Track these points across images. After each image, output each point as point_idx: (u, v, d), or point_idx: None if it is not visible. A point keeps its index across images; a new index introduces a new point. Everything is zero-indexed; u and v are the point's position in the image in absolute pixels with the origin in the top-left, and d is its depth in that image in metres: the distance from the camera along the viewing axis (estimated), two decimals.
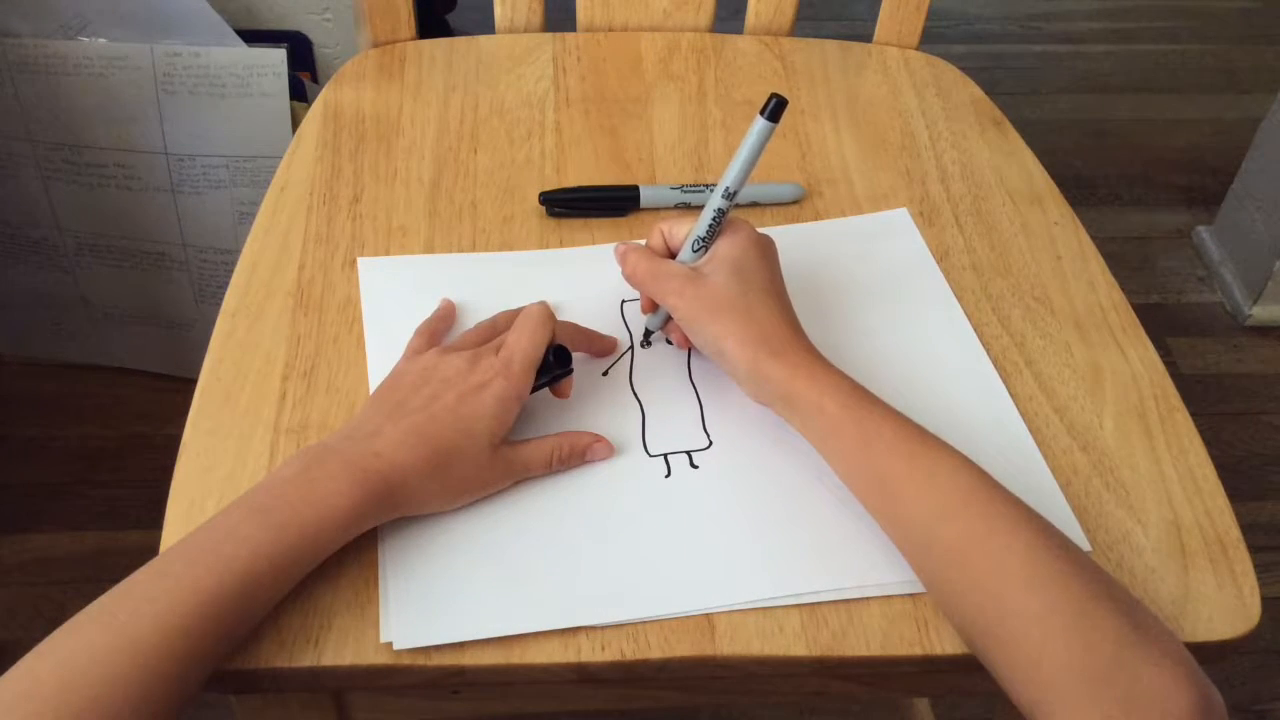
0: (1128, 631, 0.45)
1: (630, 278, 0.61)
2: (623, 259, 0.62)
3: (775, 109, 0.57)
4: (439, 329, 0.63)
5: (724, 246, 0.59)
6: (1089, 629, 0.45)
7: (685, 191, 0.71)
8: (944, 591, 0.51)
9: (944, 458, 0.52)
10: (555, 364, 0.58)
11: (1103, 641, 0.45)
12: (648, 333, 0.64)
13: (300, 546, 0.49)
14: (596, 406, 0.60)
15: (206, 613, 0.46)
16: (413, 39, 0.84)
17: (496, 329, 0.60)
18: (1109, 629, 0.45)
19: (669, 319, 0.62)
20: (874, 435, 0.53)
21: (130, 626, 0.45)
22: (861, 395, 0.55)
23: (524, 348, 0.57)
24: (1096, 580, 0.47)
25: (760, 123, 0.58)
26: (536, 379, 0.57)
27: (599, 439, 0.58)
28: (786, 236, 0.63)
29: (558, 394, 0.60)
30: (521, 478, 0.56)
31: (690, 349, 0.63)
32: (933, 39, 1.27)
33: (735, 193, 0.59)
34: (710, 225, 0.59)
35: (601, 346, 0.63)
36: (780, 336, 0.56)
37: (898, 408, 0.54)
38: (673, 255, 0.62)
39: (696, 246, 0.59)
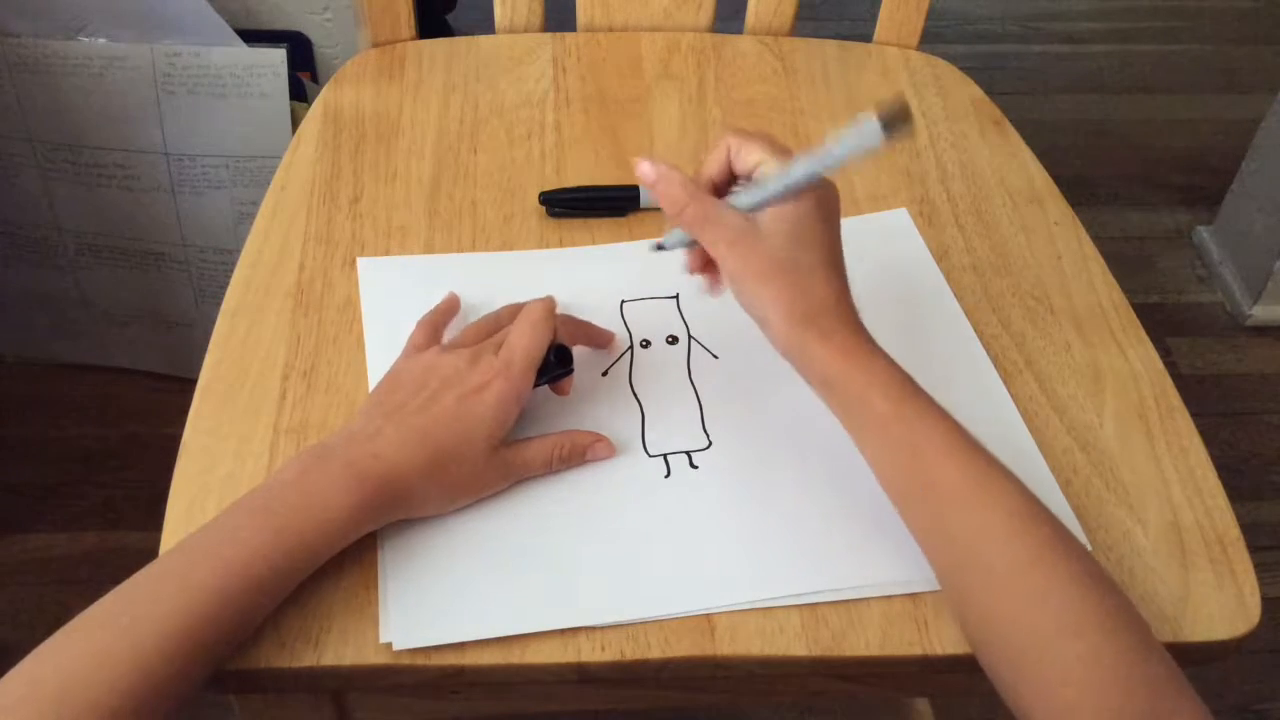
0: (1164, 684, 0.44)
1: (672, 211, 0.54)
2: (663, 185, 0.54)
3: (894, 119, 0.49)
4: (441, 322, 0.62)
5: (788, 204, 0.53)
6: (1130, 678, 0.44)
7: None
8: (973, 614, 0.49)
9: (996, 474, 0.49)
10: (556, 363, 0.58)
11: (1140, 690, 0.44)
12: (660, 246, 0.59)
13: (300, 549, 0.49)
14: (596, 406, 0.60)
15: (207, 615, 0.46)
16: (413, 39, 0.84)
17: (500, 323, 0.60)
18: (1148, 680, 0.44)
19: (693, 243, 0.57)
20: (923, 440, 0.50)
21: (130, 629, 0.45)
22: (913, 391, 0.52)
23: (525, 347, 0.56)
24: (1138, 627, 0.46)
25: (871, 125, 0.50)
26: (537, 378, 0.57)
27: (600, 438, 0.58)
28: None
29: (558, 391, 0.59)
30: (521, 477, 0.56)
31: (690, 345, 0.63)
32: (933, 39, 1.26)
33: (815, 176, 0.53)
34: (777, 194, 0.53)
35: (601, 340, 0.63)
36: (832, 315, 0.52)
37: None
38: (728, 179, 0.56)
39: (754, 202, 0.54)
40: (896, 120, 0.49)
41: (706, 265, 0.58)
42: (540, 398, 0.59)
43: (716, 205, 0.54)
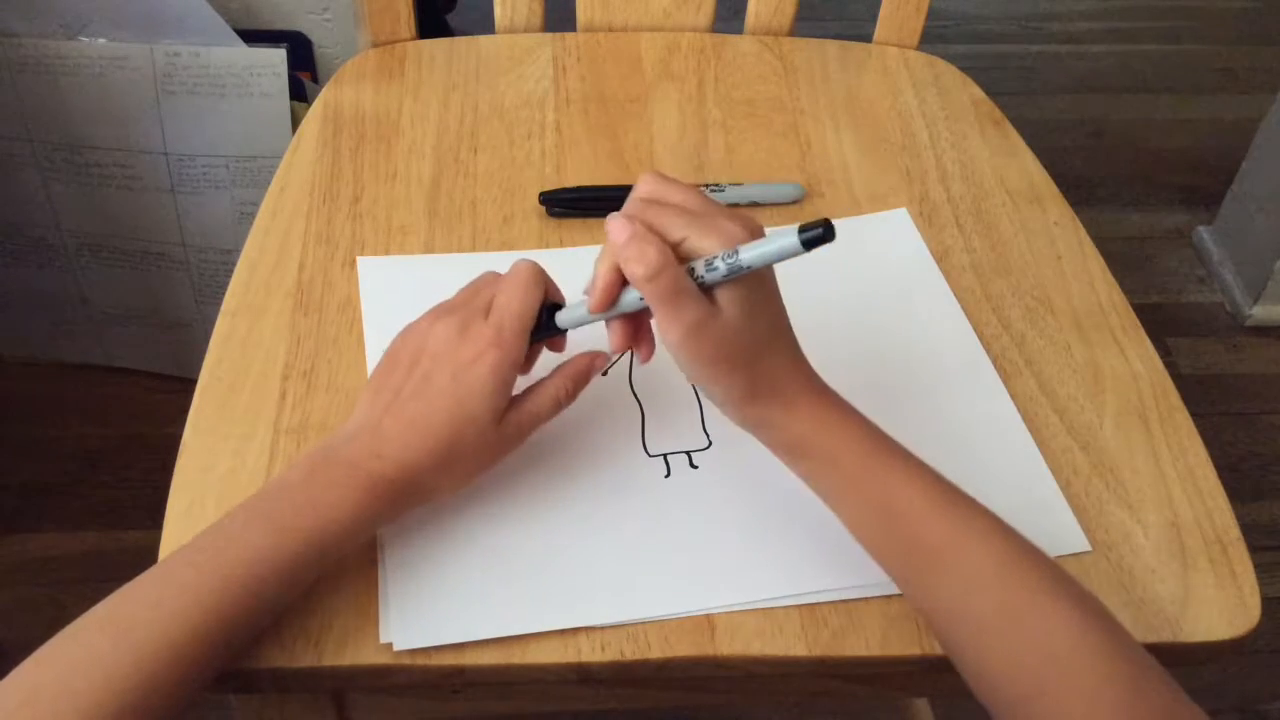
0: (1172, 702, 0.44)
1: (641, 279, 0.49)
2: (641, 242, 0.49)
3: (814, 239, 0.47)
4: None
5: (743, 281, 0.49)
6: (1136, 705, 0.44)
7: None
8: (971, 664, 0.48)
9: (978, 522, 0.48)
10: (549, 322, 0.55)
11: (1150, 716, 0.44)
12: (553, 325, 0.55)
13: (305, 552, 0.48)
14: (596, 406, 0.60)
15: (209, 618, 0.46)
16: (413, 39, 0.84)
17: (491, 285, 0.56)
18: (1159, 703, 0.44)
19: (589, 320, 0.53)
20: (899, 497, 0.49)
21: (133, 632, 0.44)
22: (885, 448, 0.51)
23: (515, 311, 0.53)
24: (1137, 649, 0.46)
25: (789, 239, 0.47)
26: (530, 338, 0.54)
27: (595, 355, 0.55)
28: None
29: (552, 348, 0.57)
30: (534, 429, 0.54)
31: None
32: (933, 39, 1.26)
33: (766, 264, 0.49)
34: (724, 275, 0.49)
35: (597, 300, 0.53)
36: (793, 383, 0.51)
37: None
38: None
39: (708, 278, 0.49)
40: (811, 241, 0.47)
41: (635, 339, 0.54)
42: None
43: (689, 281, 0.49)
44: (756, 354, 0.50)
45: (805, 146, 0.77)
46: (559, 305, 0.55)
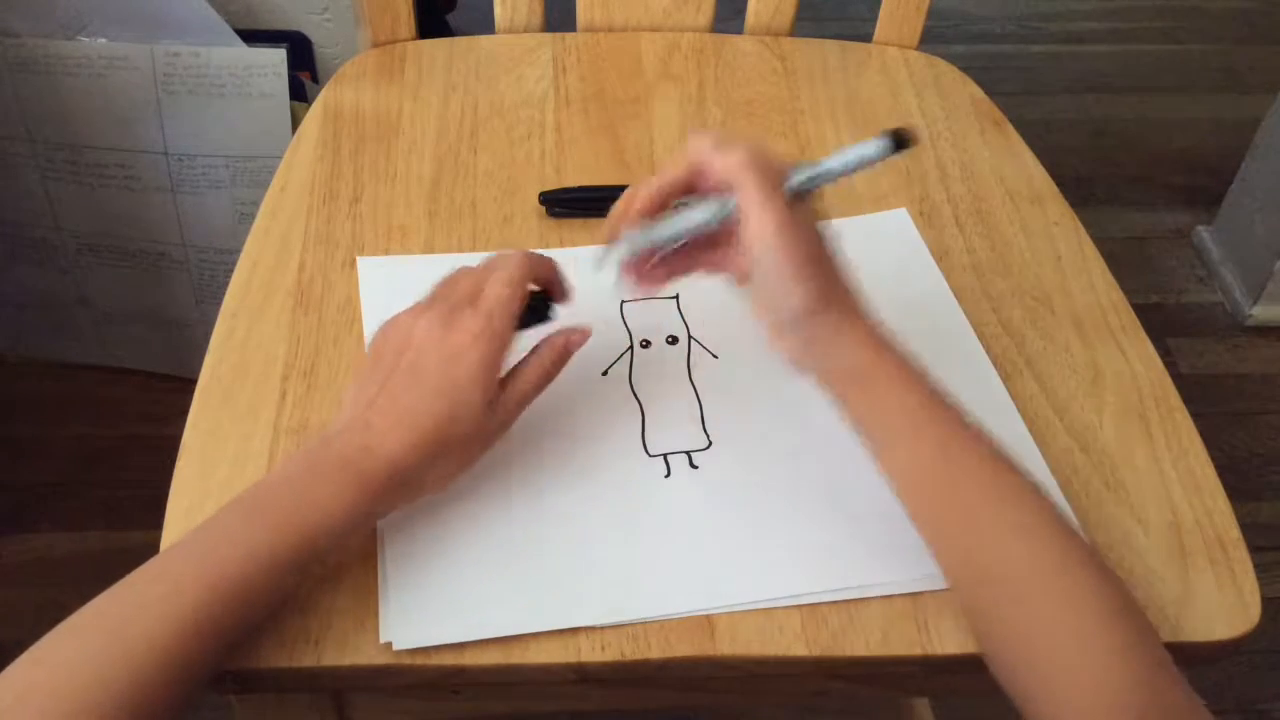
0: (1183, 700, 0.44)
1: (745, 164, 0.51)
2: (734, 144, 0.52)
3: (898, 142, 0.50)
4: None
5: (810, 202, 0.53)
6: (1149, 706, 0.44)
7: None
8: (998, 622, 0.48)
9: (1020, 479, 0.49)
10: (535, 312, 0.56)
11: (1153, 688, 0.44)
12: (611, 254, 0.56)
13: (299, 548, 0.48)
14: (596, 406, 0.60)
15: (202, 616, 0.45)
16: (413, 39, 0.84)
17: (473, 276, 0.56)
18: (1171, 702, 0.44)
19: (683, 244, 0.55)
20: (952, 435, 0.50)
21: (125, 630, 0.44)
22: (941, 389, 0.51)
23: (504, 299, 0.53)
24: (1159, 646, 0.46)
25: (878, 145, 0.51)
26: (517, 326, 0.55)
27: (574, 330, 0.56)
28: None
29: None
30: (521, 410, 0.55)
31: (689, 348, 0.63)
32: (933, 39, 1.26)
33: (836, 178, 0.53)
34: (811, 184, 0.53)
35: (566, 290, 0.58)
36: (855, 303, 0.52)
37: None
38: (681, 194, 0.55)
39: (813, 181, 0.53)
40: (899, 143, 0.50)
41: (661, 278, 0.56)
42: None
43: (778, 173, 0.52)
44: (831, 263, 0.52)
45: (805, 146, 0.77)
46: (546, 294, 0.56)
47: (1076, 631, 0.45)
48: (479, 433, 0.53)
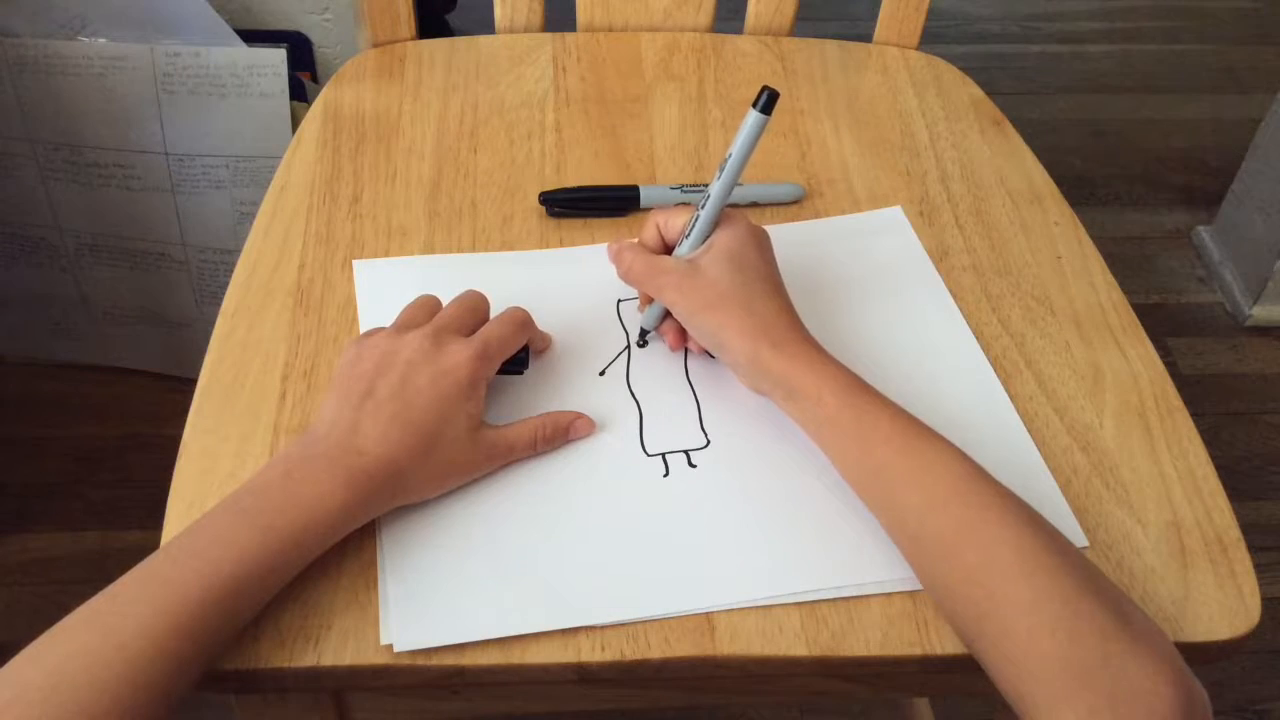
0: (1115, 627, 0.45)
1: (626, 276, 0.61)
2: (617, 258, 0.62)
3: (767, 102, 0.57)
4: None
5: (721, 238, 0.59)
6: (1076, 623, 0.45)
7: (685, 191, 0.71)
8: (937, 584, 0.51)
9: (938, 449, 0.52)
10: (511, 362, 0.59)
11: (1090, 635, 0.45)
12: (643, 333, 0.63)
13: (288, 548, 0.49)
14: (594, 406, 0.60)
15: (194, 615, 0.46)
16: (413, 39, 0.84)
17: (433, 309, 0.59)
18: (1097, 624, 0.45)
19: (665, 316, 0.62)
20: (870, 427, 0.53)
21: (118, 631, 0.45)
22: (860, 387, 0.55)
23: (502, 340, 0.57)
24: (1086, 575, 0.47)
25: (753, 116, 0.58)
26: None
27: (579, 416, 0.58)
28: (781, 235, 0.63)
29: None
30: (507, 460, 0.56)
31: (686, 349, 0.63)
32: (933, 39, 1.26)
33: (732, 187, 0.59)
34: (709, 219, 0.59)
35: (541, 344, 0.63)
36: (780, 327, 0.57)
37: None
38: (669, 249, 0.62)
39: (694, 241, 0.60)
40: (767, 103, 0.58)
41: (687, 338, 0.62)
42: (533, 394, 0.59)
43: (658, 258, 0.60)
44: (748, 299, 0.57)
45: (805, 147, 0.77)
46: (527, 349, 0.60)
47: (1002, 570, 0.48)
48: (464, 449, 0.54)
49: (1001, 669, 0.47)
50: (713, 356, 0.61)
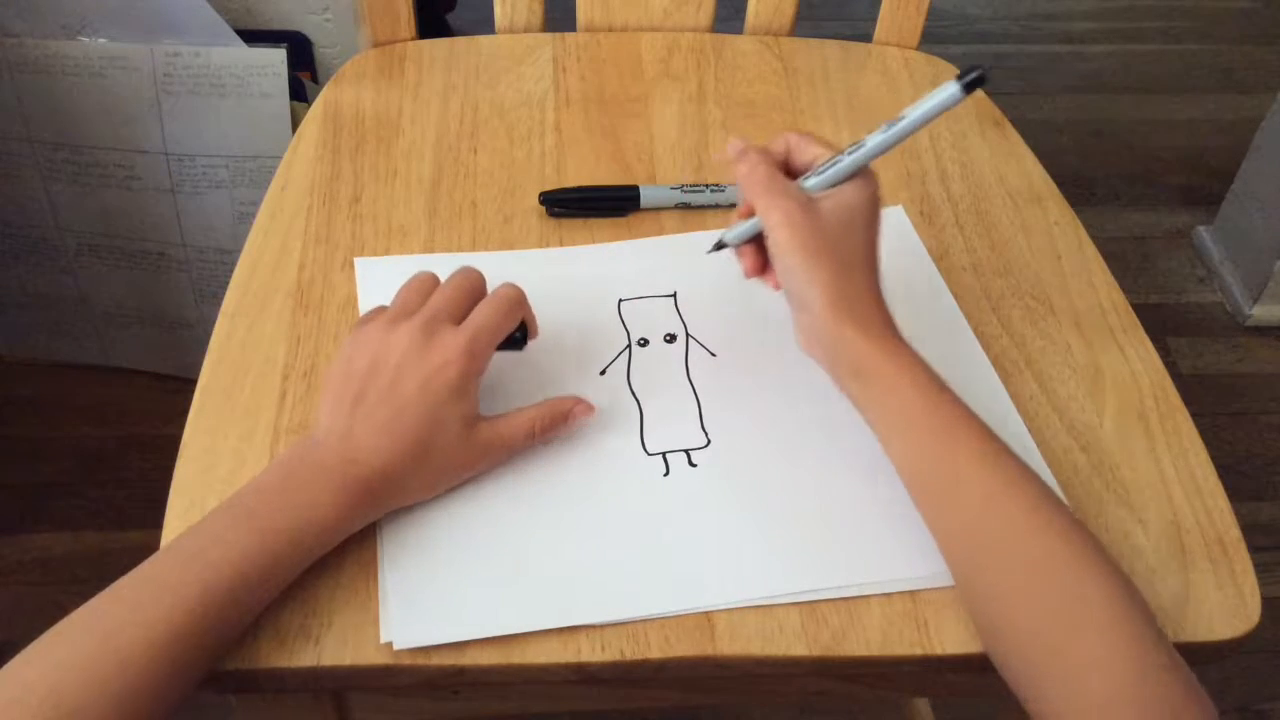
0: (1181, 690, 0.44)
1: (743, 178, 0.56)
2: (741, 156, 0.56)
3: (973, 81, 0.52)
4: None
5: (850, 192, 0.55)
6: (1145, 667, 0.44)
7: (686, 191, 0.71)
8: (993, 609, 0.48)
9: (1021, 472, 0.50)
10: (508, 341, 0.57)
11: (1156, 679, 0.44)
12: (720, 245, 0.60)
13: (287, 552, 0.49)
14: (594, 405, 0.60)
15: (193, 618, 0.46)
16: (413, 39, 0.84)
17: (429, 290, 0.57)
18: (1161, 672, 0.44)
19: (750, 239, 0.58)
20: (951, 428, 0.51)
21: (117, 633, 0.45)
22: (941, 384, 0.52)
23: (492, 328, 0.55)
24: (1160, 636, 0.46)
25: (952, 87, 0.53)
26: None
27: (578, 400, 0.57)
28: None
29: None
30: (506, 453, 0.56)
31: (686, 349, 0.63)
32: (933, 39, 1.27)
33: (891, 147, 0.55)
34: (852, 166, 0.55)
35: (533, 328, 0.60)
36: (868, 304, 0.54)
37: None
38: (787, 172, 0.58)
39: (825, 181, 0.56)
40: (973, 83, 0.52)
41: (765, 268, 0.58)
42: (534, 395, 0.59)
43: (782, 176, 0.56)
44: (848, 264, 0.54)
45: None
46: (525, 328, 0.58)
47: (1076, 612, 0.46)
48: (459, 449, 0.54)
49: (1063, 705, 0.45)
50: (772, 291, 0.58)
